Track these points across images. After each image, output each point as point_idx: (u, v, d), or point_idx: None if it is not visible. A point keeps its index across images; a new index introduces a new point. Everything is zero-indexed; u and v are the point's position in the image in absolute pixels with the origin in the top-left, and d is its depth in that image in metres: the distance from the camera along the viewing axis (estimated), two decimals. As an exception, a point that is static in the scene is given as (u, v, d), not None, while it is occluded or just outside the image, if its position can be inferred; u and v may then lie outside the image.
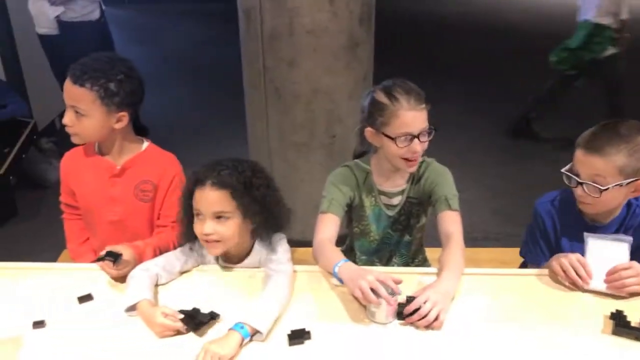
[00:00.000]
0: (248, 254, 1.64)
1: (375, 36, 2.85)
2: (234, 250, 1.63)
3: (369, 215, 1.84)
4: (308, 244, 1.71)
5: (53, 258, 2.20)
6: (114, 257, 1.56)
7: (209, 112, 5.34)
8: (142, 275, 1.53)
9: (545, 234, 1.73)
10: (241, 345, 1.32)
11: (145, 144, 1.86)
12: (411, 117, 1.62)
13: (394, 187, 1.80)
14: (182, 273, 1.64)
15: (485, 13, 9.91)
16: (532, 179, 3.92)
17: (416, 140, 1.63)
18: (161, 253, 1.69)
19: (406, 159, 1.67)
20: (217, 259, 1.67)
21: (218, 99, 5.65)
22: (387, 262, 1.94)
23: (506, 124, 4.92)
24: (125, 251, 1.59)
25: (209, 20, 9.27)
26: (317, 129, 2.80)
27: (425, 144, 1.67)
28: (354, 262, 1.60)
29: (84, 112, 1.67)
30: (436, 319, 1.37)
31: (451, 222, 1.67)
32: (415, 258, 1.97)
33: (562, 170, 1.61)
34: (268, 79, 2.73)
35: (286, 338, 1.35)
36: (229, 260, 1.67)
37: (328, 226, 1.71)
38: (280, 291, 1.48)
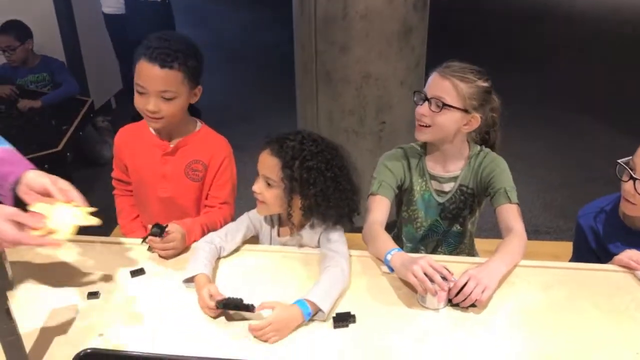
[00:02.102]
0: (303, 227, 1.65)
1: (429, 23, 2.80)
2: (293, 220, 1.62)
3: (417, 199, 1.82)
4: (356, 230, 1.71)
5: (106, 233, 2.27)
6: (160, 229, 1.60)
7: (260, 96, 5.37)
8: (204, 248, 1.58)
9: (588, 248, 1.70)
10: (302, 322, 1.35)
11: (199, 125, 1.89)
12: (431, 79, 1.67)
13: (447, 172, 1.77)
14: (244, 242, 1.69)
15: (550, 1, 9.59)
16: (586, 172, 3.80)
17: (423, 104, 1.66)
18: (209, 231, 1.72)
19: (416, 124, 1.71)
20: (271, 225, 1.70)
21: (269, 82, 5.67)
22: (433, 251, 1.91)
23: (561, 114, 4.78)
24: (174, 227, 1.63)
25: (261, 3, 9.29)
26: (367, 116, 2.78)
27: (437, 117, 1.64)
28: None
29: (173, 94, 1.68)
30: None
31: (512, 216, 1.63)
32: (463, 250, 1.94)
33: (619, 160, 1.55)
34: (319, 63, 2.73)
35: (331, 321, 1.36)
36: (284, 232, 1.69)
37: (378, 208, 1.70)
38: (340, 274, 1.48)
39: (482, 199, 1.81)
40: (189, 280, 1.50)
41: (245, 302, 1.34)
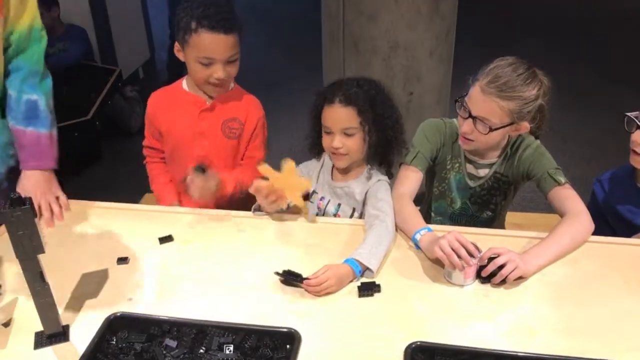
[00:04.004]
0: (356, 178, 1.72)
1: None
2: (348, 170, 1.71)
3: (450, 179, 1.78)
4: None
5: (136, 200, 2.31)
6: (202, 169, 1.69)
7: (287, 63, 5.34)
8: None
9: (599, 212, 1.68)
10: (354, 278, 1.40)
11: (232, 84, 1.89)
12: (474, 92, 1.58)
13: (484, 159, 1.72)
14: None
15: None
16: (618, 145, 3.71)
17: (467, 120, 1.58)
18: (241, 189, 1.75)
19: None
20: (323, 165, 1.78)
21: (296, 50, 5.63)
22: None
23: (592, 85, 4.66)
24: (211, 173, 1.71)
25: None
26: (395, 86, 2.74)
27: (482, 137, 1.58)
28: (429, 223, 1.57)
29: (234, 57, 1.73)
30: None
31: (565, 199, 1.55)
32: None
33: (628, 113, 1.53)
34: (347, 33, 2.69)
35: (356, 290, 1.37)
36: (338, 175, 1.75)
37: (411, 180, 1.68)
38: (385, 231, 1.51)
39: (520, 186, 1.76)
40: (257, 208, 1.65)
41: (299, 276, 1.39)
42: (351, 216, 1.73)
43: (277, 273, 1.40)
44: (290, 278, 1.39)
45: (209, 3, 1.69)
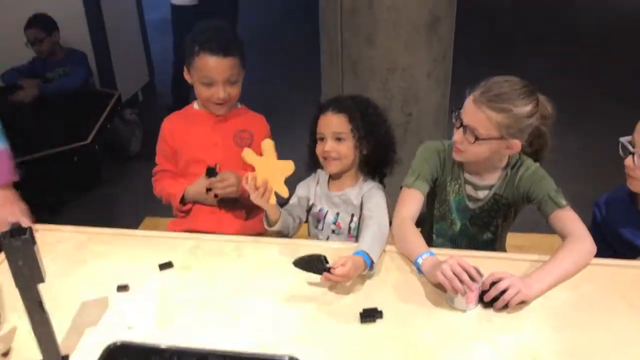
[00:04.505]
0: (351, 186, 1.78)
1: (457, 11, 2.76)
2: (342, 177, 1.78)
3: (450, 200, 1.78)
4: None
5: (134, 226, 2.31)
6: (212, 170, 1.85)
7: (286, 85, 5.36)
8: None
9: (600, 235, 1.67)
10: (365, 269, 1.45)
11: (239, 104, 2.05)
12: (466, 103, 1.60)
13: (482, 181, 1.72)
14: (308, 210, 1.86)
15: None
16: (613, 169, 3.72)
17: (458, 130, 1.59)
18: None
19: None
20: (318, 178, 1.85)
21: (294, 71, 5.66)
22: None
23: (593, 103, 4.67)
24: (231, 173, 1.85)
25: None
26: (393, 107, 2.75)
27: (470, 147, 1.58)
28: (430, 245, 1.57)
29: (235, 78, 1.88)
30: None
31: (566, 221, 1.55)
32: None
33: (621, 139, 1.54)
34: (345, 54, 2.71)
35: (358, 316, 1.36)
36: (334, 185, 1.81)
37: (411, 203, 1.67)
38: (377, 229, 1.59)
39: (520, 208, 1.75)
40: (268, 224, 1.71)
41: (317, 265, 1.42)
42: (350, 222, 1.78)
43: (296, 263, 1.42)
44: (312, 267, 1.41)
45: (211, 28, 1.89)
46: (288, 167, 1.61)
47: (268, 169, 1.60)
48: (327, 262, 1.41)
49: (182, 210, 2.00)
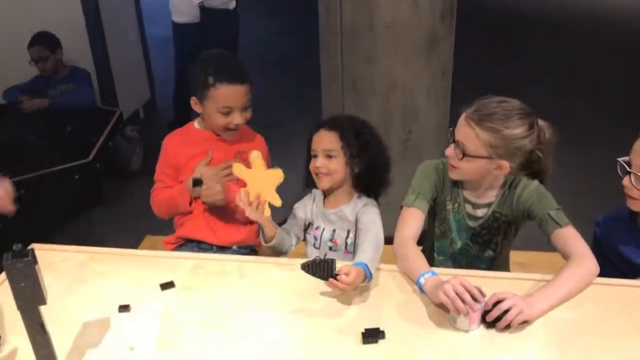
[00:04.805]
0: (346, 203, 1.81)
1: (456, 31, 2.79)
2: (337, 194, 1.81)
3: (450, 219, 1.78)
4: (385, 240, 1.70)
5: (135, 244, 2.30)
6: (199, 182, 1.89)
7: (286, 104, 5.39)
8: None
9: (603, 255, 1.66)
10: (364, 280, 1.46)
11: None
12: (459, 120, 1.62)
13: (481, 199, 1.72)
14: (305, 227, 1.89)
15: (579, 7, 9.42)
16: (617, 183, 3.72)
17: (450, 145, 1.63)
18: None
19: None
20: (314, 198, 1.87)
21: (293, 91, 5.69)
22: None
23: (593, 121, 4.69)
24: (217, 182, 1.89)
25: (286, 12, 9.35)
26: (393, 124, 2.77)
27: (460, 163, 1.61)
28: (431, 263, 1.57)
29: (248, 103, 1.94)
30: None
31: (567, 241, 1.54)
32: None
33: (619, 159, 1.56)
34: (346, 73, 2.73)
35: (360, 336, 1.35)
36: (329, 203, 1.83)
37: (412, 222, 1.67)
38: (374, 241, 1.61)
39: (520, 225, 1.75)
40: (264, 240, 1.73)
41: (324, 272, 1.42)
42: (347, 238, 1.80)
43: (305, 267, 1.41)
44: (319, 272, 1.41)
45: (221, 59, 1.98)
46: (277, 175, 1.64)
47: (258, 180, 1.64)
48: (335, 268, 1.42)
49: (191, 203, 2.01)
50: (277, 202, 1.64)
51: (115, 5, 4.50)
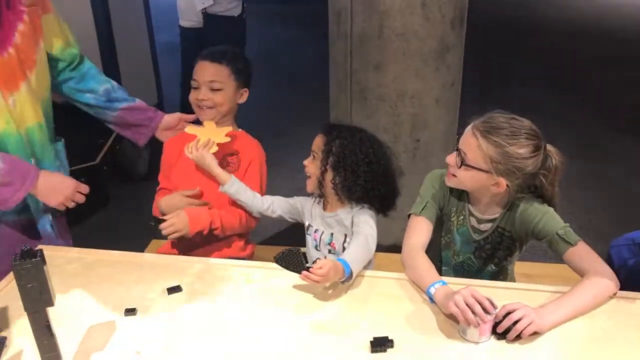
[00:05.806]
0: (342, 207, 1.81)
1: (466, 40, 2.78)
2: (336, 198, 1.81)
3: (454, 231, 1.77)
4: (390, 248, 1.69)
5: (141, 247, 2.29)
6: (156, 220, 1.88)
7: (295, 111, 5.39)
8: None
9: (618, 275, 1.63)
10: (342, 277, 1.48)
11: (240, 130, 2.06)
12: (465, 130, 1.62)
13: (485, 214, 1.70)
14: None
15: (586, 18, 9.42)
16: (626, 197, 3.71)
17: (453, 153, 1.62)
18: (223, 228, 1.92)
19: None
20: (315, 200, 1.89)
21: (301, 99, 5.70)
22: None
23: (601, 134, 4.68)
24: (178, 214, 1.85)
25: (295, 22, 9.39)
26: (402, 133, 2.76)
27: (458, 171, 1.60)
28: (438, 272, 1.55)
29: (220, 86, 1.92)
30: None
31: (582, 259, 1.51)
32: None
33: None
34: (354, 81, 2.72)
35: (368, 345, 1.34)
36: (328, 206, 1.85)
37: (420, 231, 1.66)
38: (364, 240, 1.63)
39: (525, 243, 1.72)
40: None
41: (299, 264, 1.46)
42: (344, 242, 1.80)
43: (277, 259, 1.46)
44: (291, 265, 1.45)
45: (214, 47, 1.99)
46: (226, 129, 1.87)
47: (209, 133, 1.87)
48: (306, 261, 1.45)
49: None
50: (226, 139, 1.87)
51: (126, 11, 4.52)
